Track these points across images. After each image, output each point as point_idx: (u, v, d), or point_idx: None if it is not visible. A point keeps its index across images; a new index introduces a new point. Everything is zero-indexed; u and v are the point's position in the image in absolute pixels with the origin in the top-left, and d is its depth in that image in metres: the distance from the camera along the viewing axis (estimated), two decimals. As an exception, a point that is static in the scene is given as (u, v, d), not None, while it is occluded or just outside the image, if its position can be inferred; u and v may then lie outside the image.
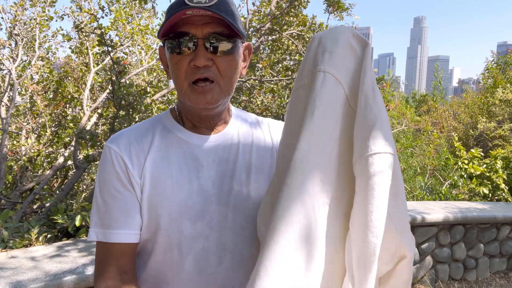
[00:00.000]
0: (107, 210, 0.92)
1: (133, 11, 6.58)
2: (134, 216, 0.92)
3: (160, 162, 0.94)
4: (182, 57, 0.88)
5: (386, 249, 0.77)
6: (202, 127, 0.99)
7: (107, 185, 0.93)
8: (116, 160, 0.93)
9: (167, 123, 1.01)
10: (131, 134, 0.98)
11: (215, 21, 0.86)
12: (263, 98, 5.38)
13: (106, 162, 0.94)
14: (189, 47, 0.87)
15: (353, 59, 0.83)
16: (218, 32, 0.87)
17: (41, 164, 5.69)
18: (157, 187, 0.92)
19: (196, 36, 0.86)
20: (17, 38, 5.93)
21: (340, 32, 0.84)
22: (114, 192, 0.92)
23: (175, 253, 0.93)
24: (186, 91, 0.90)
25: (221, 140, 1.00)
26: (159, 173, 0.93)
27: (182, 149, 0.96)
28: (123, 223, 0.91)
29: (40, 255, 2.37)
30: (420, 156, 8.91)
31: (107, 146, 0.95)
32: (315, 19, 5.24)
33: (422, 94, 17.19)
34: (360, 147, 0.75)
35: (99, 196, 0.94)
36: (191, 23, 0.86)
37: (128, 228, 0.92)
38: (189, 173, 0.94)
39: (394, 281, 0.83)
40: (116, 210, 0.92)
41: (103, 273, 0.91)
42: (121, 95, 3.83)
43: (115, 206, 0.92)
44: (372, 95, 0.79)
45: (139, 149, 0.95)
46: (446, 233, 3.98)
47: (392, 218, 0.76)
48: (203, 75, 0.87)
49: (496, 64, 11.03)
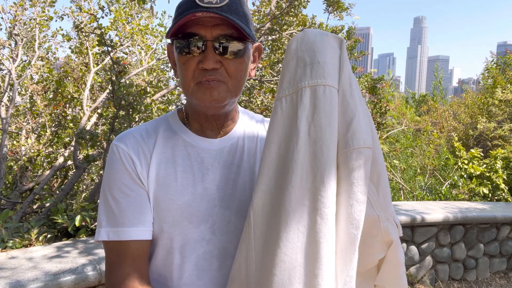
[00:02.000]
0: (119, 209, 0.90)
1: (132, 11, 6.57)
2: (147, 213, 0.91)
3: (165, 164, 0.94)
4: (190, 57, 0.86)
5: (374, 236, 0.82)
6: (208, 128, 0.98)
7: (117, 183, 0.91)
8: (125, 158, 0.92)
9: (173, 124, 1.00)
10: (137, 134, 0.97)
11: (226, 22, 0.85)
12: (263, 98, 5.37)
13: (114, 161, 0.93)
14: (198, 48, 0.85)
15: (337, 59, 0.84)
16: (228, 34, 0.85)
17: (41, 164, 5.69)
18: (162, 189, 0.92)
19: (206, 37, 0.85)
20: (17, 38, 5.92)
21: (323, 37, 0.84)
22: (125, 190, 0.90)
23: (176, 256, 0.92)
24: (193, 89, 0.88)
25: (226, 143, 0.99)
26: (164, 174, 0.93)
27: (188, 152, 0.96)
28: (137, 220, 0.89)
29: (40, 255, 2.37)
30: (420, 156, 8.91)
31: (114, 145, 0.94)
32: (315, 19, 5.24)
33: (422, 94, 17.20)
34: (341, 144, 0.78)
35: (108, 195, 0.91)
36: (201, 24, 0.84)
37: (143, 225, 0.90)
38: (194, 176, 0.94)
39: (387, 266, 0.87)
40: (129, 208, 0.90)
41: (119, 274, 0.87)
42: (121, 95, 3.83)
43: (127, 203, 0.90)
44: (349, 90, 0.81)
45: (146, 149, 0.95)
46: (446, 233, 3.98)
47: (374, 208, 0.81)
48: (211, 77, 0.86)
49: (495, 65, 11.04)
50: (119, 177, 0.91)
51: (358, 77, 6.34)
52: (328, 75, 0.80)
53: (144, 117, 4.63)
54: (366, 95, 6.28)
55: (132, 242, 0.89)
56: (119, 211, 0.90)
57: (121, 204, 0.90)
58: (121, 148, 0.93)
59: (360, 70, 7.51)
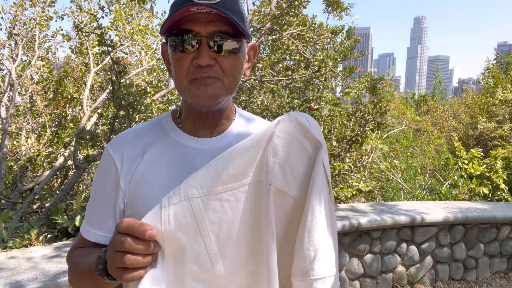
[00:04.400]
0: (89, 207, 0.98)
1: (133, 11, 6.58)
2: (107, 220, 0.94)
3: (154, 165, 0.93)
4: (184, 54, 0.85)
5: None
6: (202, 127, 0.96)
7: (95, 184, 0.98)
8: (108, 163, 0.94)
9: (165, 125, 0.99)
10: (128, 137, 0.97)
11: (220, 19, 0.84)
12: (263, 98, 5.37)
13: (100, 164, 0.98)
14: (192, 45, 0.84)
15: (305, 162, 0.78)
16: (222, 30, 0.84)
17: (41, 164, 5.70)
18: (148, 191, 0.91)
19: (200, 34, 0.84)
20: (17, 38, 5.92)
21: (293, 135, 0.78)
22: (98, 192, 0.97)
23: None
24: (186, 87, 0.87)
25: (219, 143, 0.96)
26: (151, 176, 0.92)
27: (177, 153, 0.94)
28: (98, 224, 0.95)
29: (39, 255, 2.37)
30: (420, 156, 8.91)
31: (106, 147, 0.98)
32: (315, 19, 5.24)
33: (421, 94, 17.20)
34: (303, 265, 0.75)
35: (91, 192, 1.00)
36: (195, 20, 0.83)
37: (101, 229, 0.95)
38: (181, 177, 0.90)
39: None
40: (95, 209, 0.97)
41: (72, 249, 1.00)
42: (121, 95, 3.83)
43: (96, 205, 0.97)
44: (319, 208, 0.75)
45: (133, 152, 0.94)
46: (446, 233, 3.98)
47: None
48: (206, 74, 0.85)
49: (498, 63, 10.99)
50: (97, 178, 0.97)
51: (358, 77, 6.34)
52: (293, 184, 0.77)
53: (144, 117, 4.63)
54: (366, 95, 6.28)
55: (88, 241, 0.97)
56: (89, 209, 0.98)
57: (92, 204, 0.98)
58: (108, 152, 0.96)
59: (360, 70, 7.51)
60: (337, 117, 5.64)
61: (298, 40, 5.06)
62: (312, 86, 5.43)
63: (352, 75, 6.28)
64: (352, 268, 3.55)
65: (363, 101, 6.23)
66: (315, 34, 5.11)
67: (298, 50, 5.08)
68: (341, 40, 5.96)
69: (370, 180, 5.92)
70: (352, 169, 5.58)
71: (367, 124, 5.54)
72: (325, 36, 5.34)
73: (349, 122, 5.71)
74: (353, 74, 6.28)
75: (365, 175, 5.71)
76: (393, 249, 3.74)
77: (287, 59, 5.44)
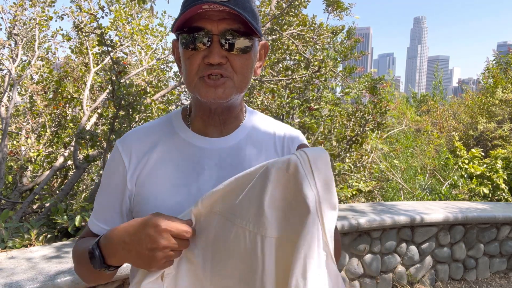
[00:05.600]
0: (97, 200, 1.00)
1: (133, 11, 6.57)
2: (112, 215, 0.97)
3: (161, 163, 0.93)
4: (195, 52, 0.84)
5: None
6: (211, 124, 0.96)
7: (103, 178, 0.99)
8: (117, 158, 0.96)
9: (174, 123, 0.99)
10: (137, 134, 0.98)
11: (232, 17, 0.83)
12: (263, 98, 5.37)
13: (109, 160, 0.99)
14: (203, 43, 0.83)
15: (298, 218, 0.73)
16: (234, 29, 0.83)
17: (41, 164, 5.69)
18: (155, 189, 0.91)
19: (212, 32, 0.83)
20: (16, 38, 5.92)
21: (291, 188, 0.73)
22: (105, 187, 0.98)
23: None
24: (196, 84, 0.86)
25: (227, 143, 0.96)
26: (158, 174, 0.92)
27: (185, 151, 0.94)
28: (103, 217, 0.98)
29: (39, 256, 2.37)
30: (420, 156, 8.91)
31: (115, 144, 0.99)
32: (315, 18, 5.23)
33: (422, 94, 17.20)
34: None
35: (100, 188, 1.01)
36: (207, 18, 0.82)
37: (105, 223, 0.97)
38: (188, 176, 0.92)
39: None
40: (102, 204, 0.99)
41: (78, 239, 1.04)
42: (121, 95, 3.83)
43: (103, 200, 0.99)
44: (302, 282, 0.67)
45: (141, 150, 0.95)
46: (446, 233, 3.98)
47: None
48: (216, 71, 0.84)
49: (497, 64, 11.01)
50: (105, 174, 0.99)
51: (358, 77, 6.35)
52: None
53: (144, 117, 4.64)
54: (366, 95, 6.28)
55: (94, 233, 1.00)
56: (96, 203, 1.01)
57: (98, 198, 1.00)
58: (117, 148, 0.97)
59: (360, 70, 7.52)
60: (337, 117, 5.65)
61: (298, 40, 5.05)
62: (312, 86, 5.44)
63: (352, 75, 6.29)
64: (352, 268, 3.55)
65: (363, 101, 6.24)
66: (315, 34, 5.11)
67: (298, 50, 5.08)
68: (341, 40, 5.97)
69: (370, 180, 5.93)
70: (352, 169, 5.58)
71: (367, 124, 5.54)
72: (325, 36, 5.33)
73: (349, 122, 5.72)
74: (353, 74, 6.28)
75: (365, 175, 5.72)
76: (393, 249, 3.74)
77: (287, 59, 5.44)
